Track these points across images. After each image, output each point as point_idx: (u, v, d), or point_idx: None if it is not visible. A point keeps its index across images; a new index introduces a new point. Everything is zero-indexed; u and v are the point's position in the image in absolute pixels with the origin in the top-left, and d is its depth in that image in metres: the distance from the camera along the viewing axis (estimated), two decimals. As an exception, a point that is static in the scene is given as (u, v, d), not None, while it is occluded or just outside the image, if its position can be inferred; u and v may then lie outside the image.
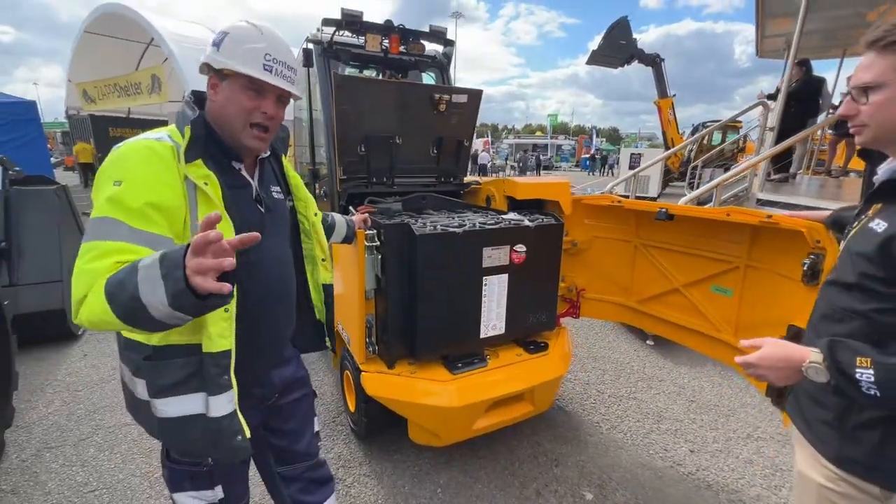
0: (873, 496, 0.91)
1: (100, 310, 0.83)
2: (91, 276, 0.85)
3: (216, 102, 1.07)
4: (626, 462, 2.34)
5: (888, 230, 0.86)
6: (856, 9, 5.94)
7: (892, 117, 0.87)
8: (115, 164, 0.95)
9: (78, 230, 4.10)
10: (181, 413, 1.02)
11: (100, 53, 14.15)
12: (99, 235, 0.88)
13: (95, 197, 0.94)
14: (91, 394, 2.86)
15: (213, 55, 1.04)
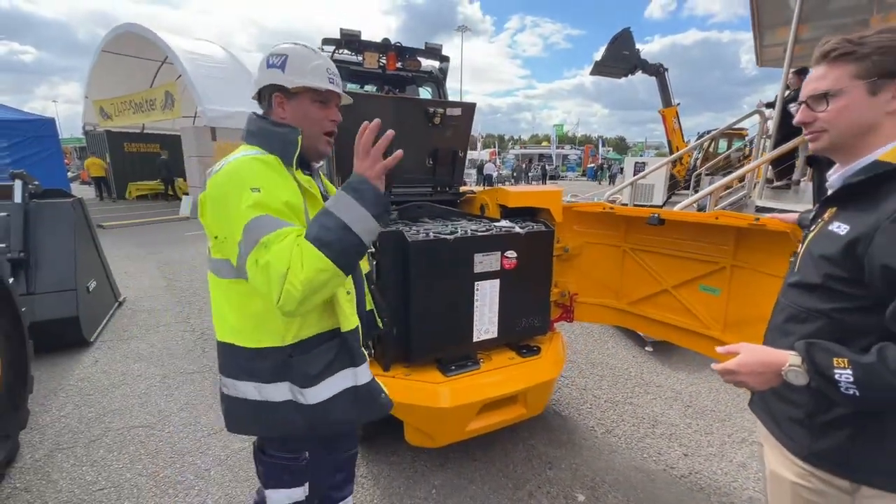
0: (843, 490, 0.93)
1: (315, 258, 0.97)
2: (286, 250, 0.97)
3: (287, 120, 1.17)
4: (619, 465, 2.37)
5: (850, 233, 0.88)
6: (854, 17, 6.00)
7: (851, 122, 0.92)
8: (242, 177, 1.04)
9: (92, 241, 4.27)
10: (336, 391, 1.17)
11: (116, 71, 14.67)
12: (268, 228, 0.99)
13: (233, 207, 1.01)
14: (102, 398, 2.97)
15: (281, 76, 1.14)
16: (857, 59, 0.90)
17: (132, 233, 9.28)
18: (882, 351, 0.80)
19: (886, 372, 0.77)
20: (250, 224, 1.00)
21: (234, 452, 2.42)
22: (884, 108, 0.89)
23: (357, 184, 1.03)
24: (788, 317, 1.02)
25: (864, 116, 0.91)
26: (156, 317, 4.46)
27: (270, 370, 1.14)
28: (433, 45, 2.80)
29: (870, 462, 0.90)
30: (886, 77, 0.87)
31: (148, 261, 6.84)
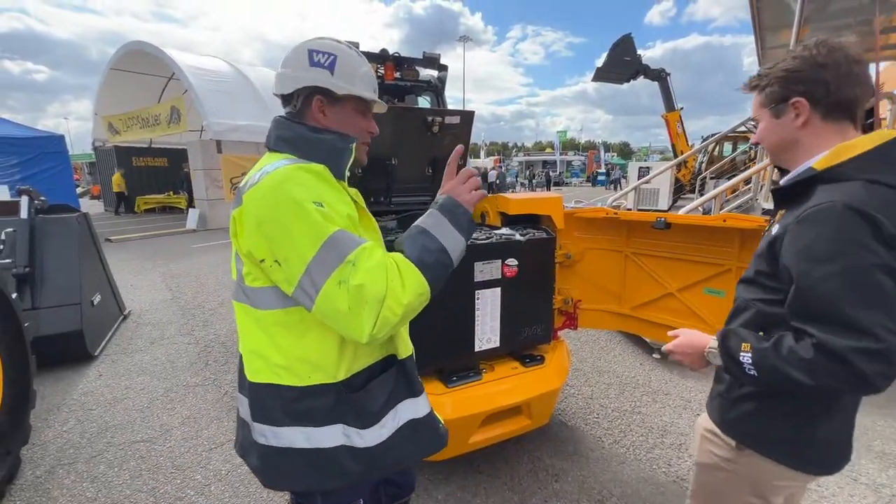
0: (731, 447, 1.09)
1: (417, 282, 0.90)
2: (381, 269, 0.87)
3: (329, 126, 1.05)
4: (627, 477, 2.30)
5: (776, 232, 0.98)
6: (856, 17, 5.96)
7: (771, 140, 1.06)
8: (299, 188, 0.89)
9: (97, 255, 4.30)
10: (397, 426, 1.05)
11: (124, 88, 14.98)
12: (351, 245, 0.88)
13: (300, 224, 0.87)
14: (104, 412, 2.96)
15: (328, 79, 1.01)
16: (761, 90, 1.04)
17: (139, 246, 9.36)
18: (778, 339, 0.90)
19: (776, 357, 0.88)
20: (329, 241, 0.86)
21: (234, 468, 2.39)
22: (792, 125, 1.00)
23: (452, 206, 0.99)
24: (735, 308, 1.14)
25: (778, 135, 1.04)
26: (160, 329, 4.47)
27: (323, 411, 0.99)
28: (431, 54, 2.81)
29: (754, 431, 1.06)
30: (781, 102, 1.00)
31: (154, 274, 6.89)
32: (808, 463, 1.02)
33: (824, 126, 0.98)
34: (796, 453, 1.01)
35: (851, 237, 0.83)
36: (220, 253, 8.51)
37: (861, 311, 0.80)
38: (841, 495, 2.17)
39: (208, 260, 7.88)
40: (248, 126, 11.85)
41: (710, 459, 1.15)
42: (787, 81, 0.98)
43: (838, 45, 0.95)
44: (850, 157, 0.92)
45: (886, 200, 0.85)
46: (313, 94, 1.03)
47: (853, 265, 0.82)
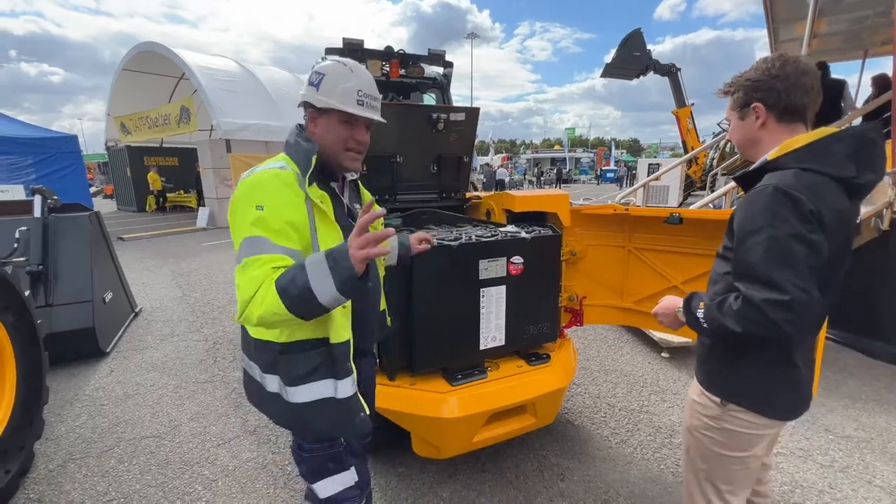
0: (716, 404, 1.24)
1: (272, 303, 1.03)
2: (256, 281, 1.05)
3: (316, 134, 1.24)
4: (634, 477, 2.28)
5: (734, 210, 1.18)
6: (874, 9, 5.80)
7: (739, 139, 1.27)
8: (254, 192, 1.12)
9: (109, 253, 4.37)
10: (315, 397, 1.22)
11: (136, 89, 15.18)
12: (254, 251, 1.07)
13: (240, 219, 1.11)
14: (115, 408, 3.00)
15: (314, 95, 1.21)
16: (730, 95, 1.25)
17: (150, 244, 9.49)
18: (723, 298, 1.10)
19: (717, 311, 1.10)
20: (244, 242, 1.09)
21: (241, 463, 2.41)
22: (753, 126, 1.21)
23: (339, 256, 1.02)
24: (710, 281, 1.31)
25: (743, 134, 1.25)
26: (170, 327, 4.53)
27: (267, 361, 1.24)
28: (436, 51, 2.79)
29: (730, 385, 1.23)
30: (745, 106, 1.21)
31: (164, 271, 6.98)
32: (775, 409, 1.20)
33: (779, 127, 1.18)
34: (766, 401, 1.19)
35: (775, 212, 1.03)
36: (229, 251, 8.59)
37: (775, 271, 1.00)
38: (855, 497, 2.12)
39: (217, 258, 7.96)
40: (257, 125, 11.94)
41: (699, 421, 1.29)
42: (749, 89, 1.19)
43: (792, 59, 1.15)
44: (792, 149, 1.12)
45: (812, 183, 1.04)
46: (307, 107, 1.25)
47: (773, 234, 1.02)
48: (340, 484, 1.33)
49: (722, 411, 1.23)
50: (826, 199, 1.03)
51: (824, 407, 2.89)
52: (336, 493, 1.33)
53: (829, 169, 1.06)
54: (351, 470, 1.35)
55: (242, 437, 2.64)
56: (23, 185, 7.51)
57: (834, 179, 1.06)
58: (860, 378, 3.27)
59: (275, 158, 1.24)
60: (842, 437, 2.59)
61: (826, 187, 1.05)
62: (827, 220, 1.02)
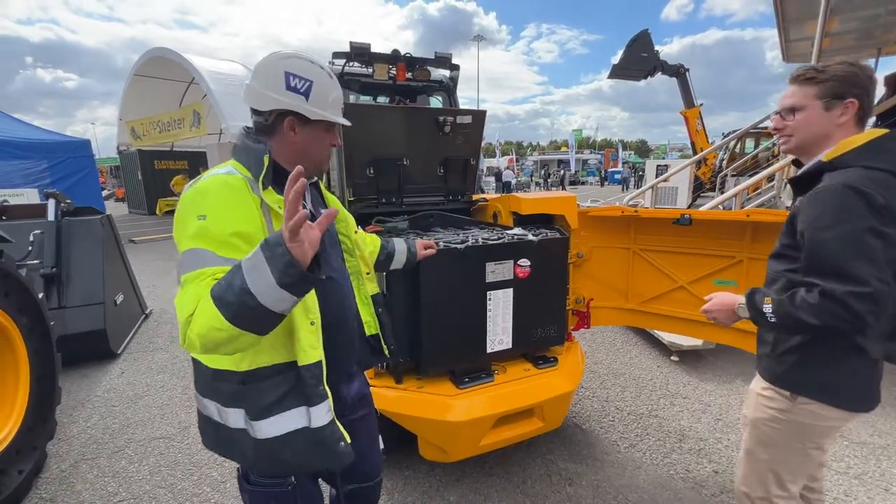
0: (785, 398, 1.27)
1: (210, 316, 0.86)
2: (194, 298, 0.90)
3: (297, 142, 1.14)
4: (643, 482, 2.25)
5: (793, 211, 1.22)
6: (887, 6, 5.71)
7: (809, 131, 1.23)
8: (196, 200, 1.00)
9: (120, 256, 4.43)
10: (286, 430, 1.06)
11: (147, 93, 15.40)
12: (193, 266, 0.94)
13: (181, 231, 0.99)
14: (126, 409, 3.04)
15: (304, 105, 1.10)
16: (818, 83, 1.19)
17: (161, 247, 9.61)
18: (793, 293, 1.14)
19: (790, 305, 1.12)
20: (183, 255, 0.97)
21: (249, 465, 2.42)
22: (835, 121, 1.19)
23: (274, 243, 0.85)
24: (767, 280, 1.34)
25: (819, 127, 1.21)
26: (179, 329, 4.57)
27: (228, 394, 1.08)
28: (443, 54, 2.80)
29: (801, 378, 1.25)
30: (837, 98, 1.17)
31: (175, 274, 7.05)
32: (848, 400, 1.21)
33: (854, 129, 1.19)
34: (839, 392, 1.21)
35: (848, 208, 1.07)
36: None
37: (855, 265, 1.04)
38: (871, 506, 2.08)
39: (227, 260, 8.05)
40: (266, 129, 12.07)
41: (765, 413, 1.31)
42: (848, 82, 1.16)
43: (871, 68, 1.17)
44: (850, 149, 1.14)
45: (878, 179, 1.08)
46: (287, 114, 1.11)
47: (849, 229, 1.06)
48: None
49: (792, 404, 1.25)
50: (893, 195, 1.07)
51: (838, 412, 2.83)
52: None
53: (891, 166, 1.10)
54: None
55: (250, 439, 2.66)
56: (37, 189, 7.66)
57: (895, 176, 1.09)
58: (875, 383, 3.21)
59: (221, 165, 1.13)
60: (857, 443, 2.54)
61: (891, 184, 1.08)
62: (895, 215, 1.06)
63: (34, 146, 8.95)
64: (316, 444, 1.08)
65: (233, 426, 1.09)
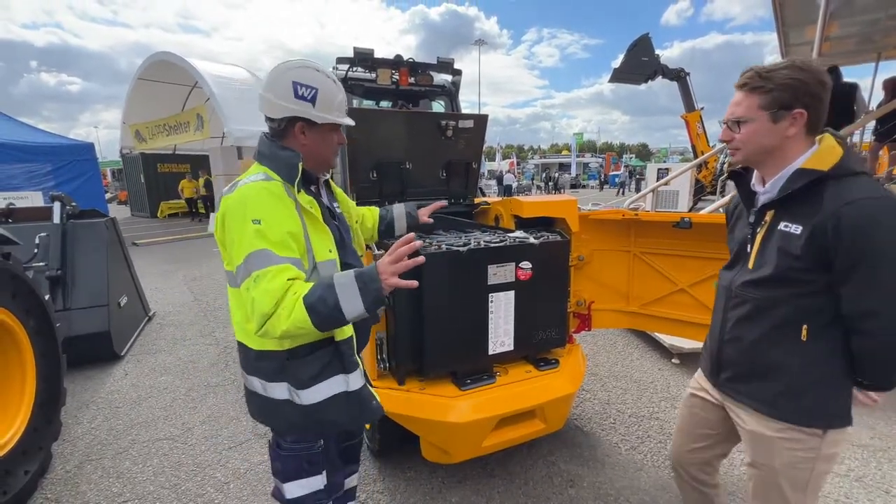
0: (816, 436, 1.17)
1: (300, 319, 1.07)
2: (272, 294, 1.07)
3: (306, 144, 1.27)
4: (644, 484, 2.26)
5: (805, 231, 1.09)
6: (887, 11, 5.75)
7: (757, 143, 1.15)
8: (248, 207, 1.14)
9: (124, 258, 4.46)
10: (329, 394, 1.27)
11: (151, 97, 15.49)
12: (262, 264, 1.09)
13: (237, 235, 1.13)
14: (130, 410, 3.06)
15: (311, 111, 1.22)
16: (763, 92, 1.10)
17: (163, 250, 9.66)
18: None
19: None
20: (249, 256, 1.10)
21: (253, 466, 2.44)
22: (783, 133, 1.11)
23: (369, 279, 1.10)
24: (753, 308, 1.23)
25: (768, 139, 1.14)
26: (182, 331, 4.60)
27: (272, 370, 1.26)
28: (445, 59, 2.83)
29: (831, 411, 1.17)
30: (784, 109, 1.09)
31: (177, 276, 7.09)
32: (848, 418, 1.18)
33: (805, 138, 1.13)
34: (850, 413, 1.18)
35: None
36: (241, 256, 8.71)
37: None
38: (871, 508, 2.08)
39: (229, 263, 8.08)
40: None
41: (792, 457, 1.20)
42: (795, 92, 1.07)
43: (824, 69, 1.09)
44: (840, 157, 1.08)
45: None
46: (296, 120, 1.24)
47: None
48: (308, 487, 1.35)
49: (822, 441, 1.17)
50: None
51: (839, 415, 2.84)
52: (301, 495, 1.35)
53: (867, 169, 1.10)
54: (322, 475, 1.38)
55: (253, 441, 2.67)
56: (41, 192, 7.72)
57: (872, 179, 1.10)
58: (876, 386, 3.22)
59: (253, 171, 1.25)
60: (857, 446, 2.55)
61: None
62: None
63: (38, 149, 9.03)
64: (355, 404, 1.30)
65: (277, 398, 1.27)
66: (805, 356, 1.16)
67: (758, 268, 1.21)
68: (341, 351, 1.26)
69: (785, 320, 1.17)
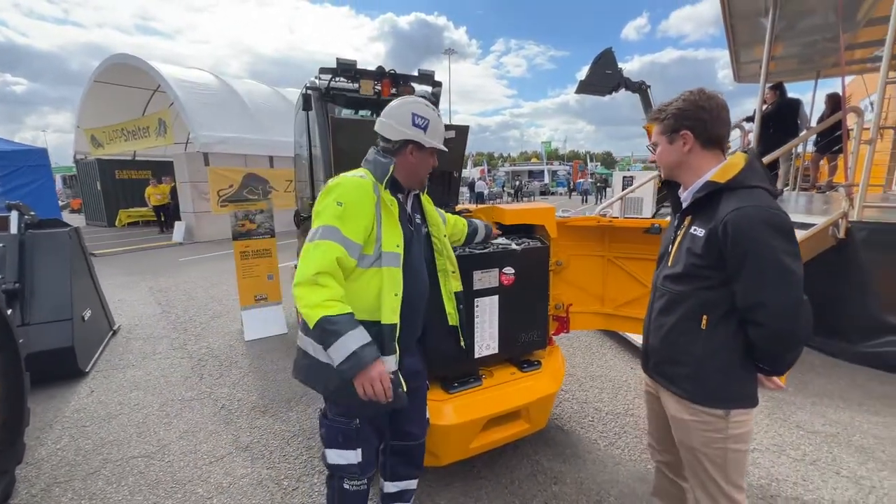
0: (719, 417, 1.32)
1: (307, 315, 1.33)
2: (319, 261, 1.34)
3: (413, 163, 1.59)
4: (624, 477, 2.37)
5: (704, 233, 1.28)
6: (823, 35, 6.30)
7: (666, 161, 1.41)
8: (339, 191, 1.44)
9: (87, 269, 4.26)
10: None
11: (108, 101, 14.79)
12: (328, 236, 1.38)
13: (323, 207, 1.43)
14: (99, 429, 2.92)
15: (423, 136, 1.56)
16: (660, 121, 1.38)
17: (124, 260, 9.21)
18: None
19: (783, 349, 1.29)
20: (322, 227, 1.40)
21: (236, 480, 2.39)
22: (681, 150, 1.35)
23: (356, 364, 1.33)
24: (668, 300, 1.41)
25: (671, 157, 1.38)
26: (152, 344, 4.42)
27: None
28: (426, 71, 2.91)
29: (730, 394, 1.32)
30: (674, 132, 1.34)
31: (142, 288, 6.78)
32: (756, 399, 1.35)
33: (703, 153, 1.34)
34: (754, 396, 1.34)
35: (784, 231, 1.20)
36: (210, 266, 8.41)
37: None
38: (825, 488, 2.27)
39: (197, 273, 7.79)
40: (236, 138, 11.80)
41: (703, 437, 1.35)
42: (678, 117, 1.33)
43: (715, 95, 1.31)
44: (738, 171, 1.28)
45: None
46: (409, 142, 1.57)
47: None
48: (343, 459, 1.55)
49: (727, 422, 1.31)
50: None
51: (794, 405, 3.07)
52: (337, 464, 1.57)
53: (763, 183, 1.27)
54: (357, 451, 1.55)
55: (235, 454, 2.62)
56: (-12, 201, 7.20)
57: (770, 193, 1.27)
58: (826, 376, 3.49)
59: (355, 171, 1.56)
60: (811, 432, 2.77)
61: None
62: None
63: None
64: None
65: (324, 360, 1.43)
66: (706, 343, 1.32)
67: (675, 265, 1.39)
68: (383, 334, 1.44)
69: (691, 311, 1.33)
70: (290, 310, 5.25)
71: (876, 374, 3.50)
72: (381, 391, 1.36)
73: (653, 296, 1.53)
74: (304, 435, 2.79)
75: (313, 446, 2.66)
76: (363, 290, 1.46)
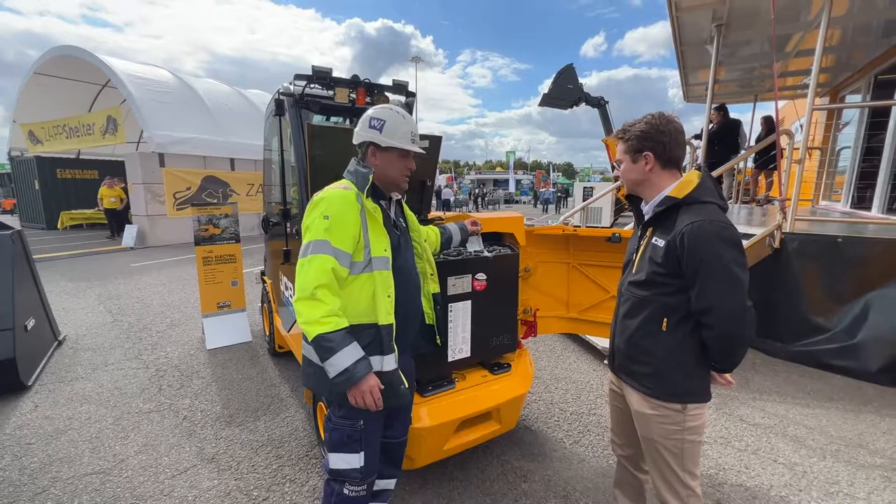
0: (677, 411, 1.45)
1: (306, 331, 1.43)
2: (315, 275, 1.42)
3: (377, 164, 1.63)
4: (588, 473, 2.51)
5: (665, 244, 1.41)
6: (760, 63, 6.93)
7: (629, 177, 1.54)
8: (324, 205, 1.50)
9: (31, 276, 3.97)
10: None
11: (50, 94, 13.85)
12: (319, 249, 1.45)
13: (312, 223, 1.49)
14: (46, 446, 2.73)
15: (378, 136, 1.60)
16: (625, 141, 1.52)
17: (68, 266, 8.58)
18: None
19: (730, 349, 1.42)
20: (312, 241, 1.47)
21: (202, 493, 2.31)
22: (643, 169, 1.49)
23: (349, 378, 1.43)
24: (633, 305, 1.53)
25: (634, 175, 1.52)
26: (102, 355, 4.16)
27: None
28: (400, 81, 2.97)
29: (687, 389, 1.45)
30: (637, 152, 1.48)
31: (89, 295, 6.36)
32: (709, 394, 1.48)
33: (663, 172, 1.48)
34: (707, 390, 1.48)
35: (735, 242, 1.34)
36: (165, 272, 7.98)
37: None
38: (764, 474, 2.50)
39: (151, 280, 7.38)
40: (194, 139, 11.33)
41: (663, 430, 1.47)
42: (641, 139, 1.46)
43: (672, 119, 1.45)
44: (693, 188, 1.41)
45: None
46: (369, 144, 1.63)
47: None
48: (346, 463, 1.61)
49: (684, 415, 1.44)
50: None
51: (738, 400, 3.35)
52: (339, 468, 1.62)
53: (714, 199, 1.40)
54: (360, 455, 1.61)
55: (200, 466, 2.53)
56: None
57: (720, 207, 1.40)
58: (764, 374, 3.82)
59: (339, 183, 1.62)
60: (752, 424, 3.03)
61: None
62: None
63: None
64: (385, 384, 1.52)
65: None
66: (666, 344, 1.44)
67: (638, 272, 1.52)
68: (381, 334, 1.53)
69: (653, 314, 1.45)
70: (254, 317, 5.11)
71: (808, 371, 3.87)
72: (371, 402, 1.46)
73: (619, 300, 1.65)
74: (273, 444, 2.74)
75: (283, 455, 2.62)
76: (358, 295, 1.53)
